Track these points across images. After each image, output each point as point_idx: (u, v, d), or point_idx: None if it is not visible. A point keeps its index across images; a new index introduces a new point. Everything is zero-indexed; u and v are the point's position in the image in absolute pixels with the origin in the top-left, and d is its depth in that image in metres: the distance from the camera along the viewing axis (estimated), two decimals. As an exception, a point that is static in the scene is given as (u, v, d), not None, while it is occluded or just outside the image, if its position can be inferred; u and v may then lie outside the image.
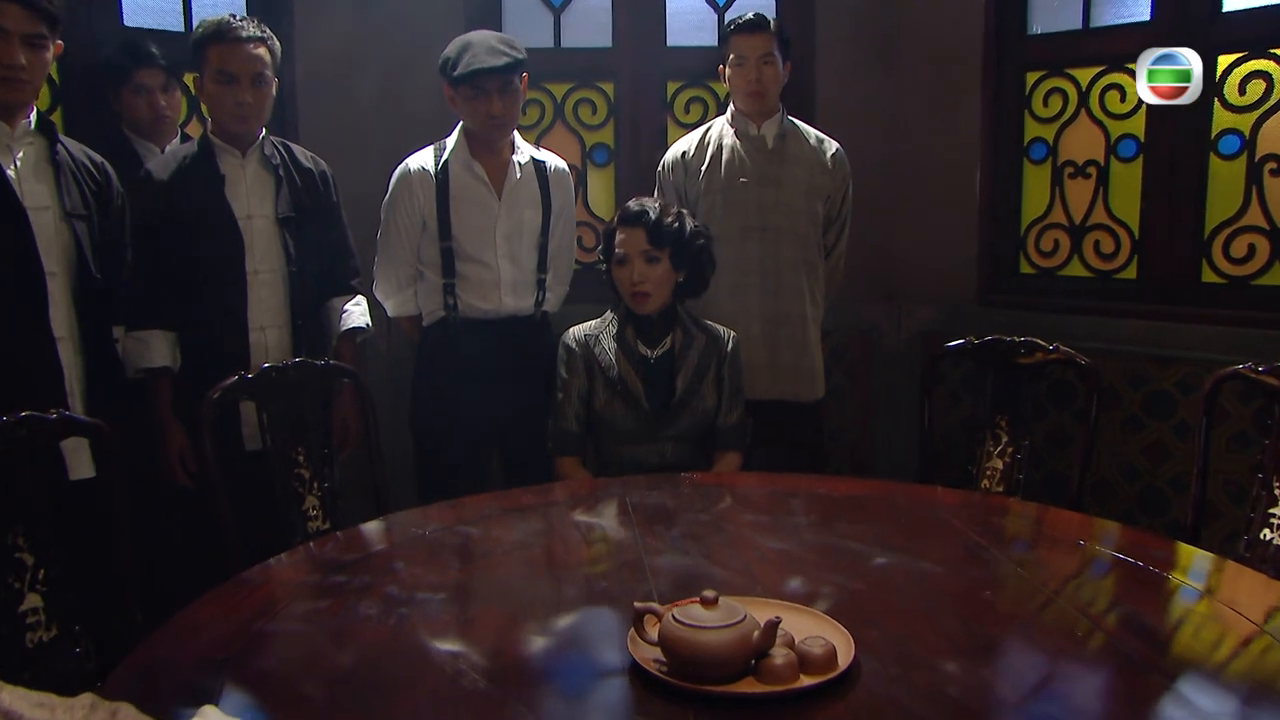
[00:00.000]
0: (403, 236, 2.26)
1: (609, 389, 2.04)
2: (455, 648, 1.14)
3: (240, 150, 2.07)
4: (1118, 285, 2.73)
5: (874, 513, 1.64)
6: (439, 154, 2.26)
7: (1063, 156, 2.81)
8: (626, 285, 2.03)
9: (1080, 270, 2.81)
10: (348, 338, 2.22)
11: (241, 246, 2.04)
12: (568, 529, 1.62)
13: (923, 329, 3.02)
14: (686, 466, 2.02)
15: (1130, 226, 2.70)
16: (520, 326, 2.29)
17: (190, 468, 2.03)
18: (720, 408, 2.09)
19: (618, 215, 2.08)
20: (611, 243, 2.07)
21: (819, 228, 2.45)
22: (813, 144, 2.45)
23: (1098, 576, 1.40)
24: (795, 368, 2.43)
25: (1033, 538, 1.58)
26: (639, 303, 2.03)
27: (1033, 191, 2.89)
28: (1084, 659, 1.12)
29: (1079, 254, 2.81)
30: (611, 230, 2.08)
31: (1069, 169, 2.80)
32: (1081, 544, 1.51)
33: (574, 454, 2.07)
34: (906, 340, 3.06)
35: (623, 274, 2.04)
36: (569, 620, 1.24)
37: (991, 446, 2.04)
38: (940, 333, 2.88)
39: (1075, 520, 1.60)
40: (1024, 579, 1.36)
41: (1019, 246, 2.93)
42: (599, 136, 3.12)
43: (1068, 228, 2.83)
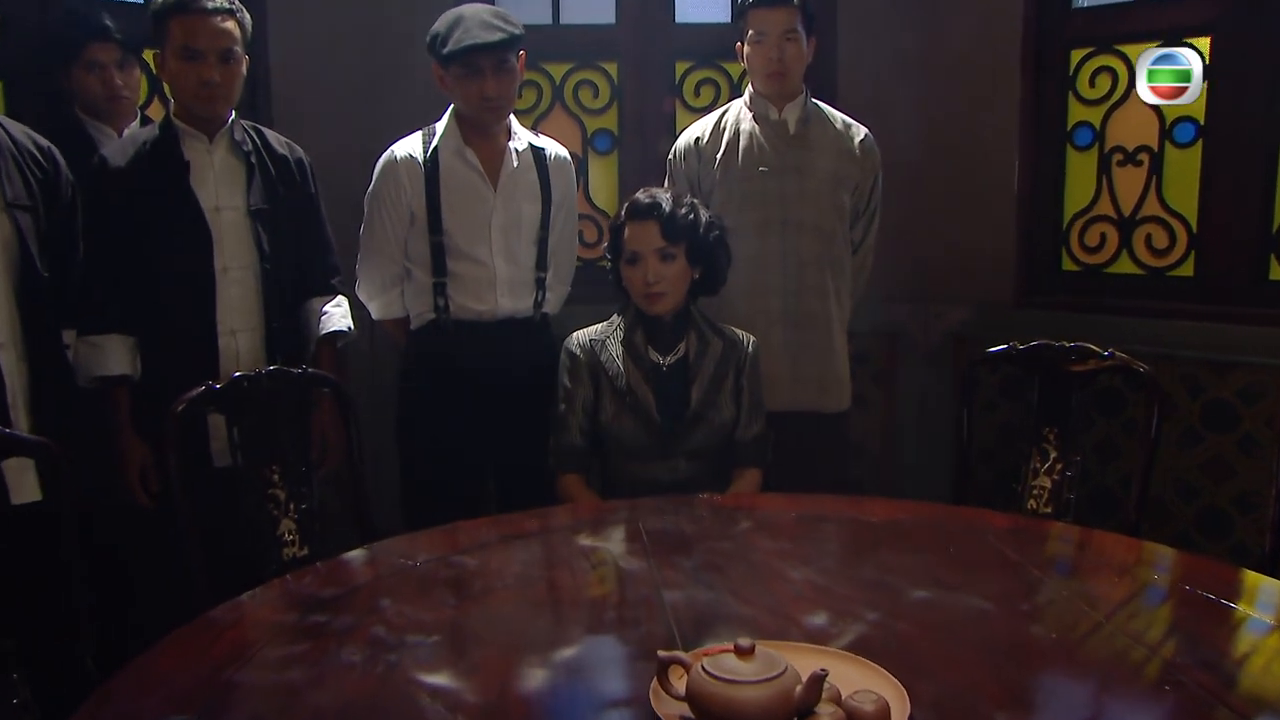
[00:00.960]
0: (388, 231, 2.24)
1: (617, 400, 2.02)
2: (450, 699, 1.10)
3: (207, 135, 2.04)
4: (1172, 283, 2.71)
5: (917, 540, 1.59)
6: (428, 140, 2.24)
7: (1111, 142, 2.79)
8: (639, 286, 2.01)
9: (1130, 267, 2.79)
10: (327, 343, 2.21)
11: (209, 241, 2.01)
12: (574, 558, 1.58)
13: (955, 331, 3.02)
14: (702, 485, 2.01)
15: (1186, 218, 2.67)
16: (518, 330, 2.27)
17: (152, 489, 2.01)
18: (739, 420, 2.07)
19: (626, 208, 2.06)
20: (620, 239, 2.05)
21: (845, 221, 2.43)
22: (839, 129, 2.43)
23: (1178, 618, 1.34)
24: (819, 375, 2.41)
25: (1098, 570, 1.52)
26: (653, 303, 2.01)
27: (1077, 180, 2.87)
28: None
29: (1128, 249, 2.79)
30: (620, 225, 2.06)
31: (1118, 155, 2.78)
32: (1155, 578, 1.46)
33: (578, 471, 2.05)
34: (937, 344, 3.05)
35: (635, 274, 2.01)
36: (579, 667, 1.20)
37: (1038, 463, 1.99)
38: (974, 336, 2.94)
39: (1145, 550, 1.54)
40: (1095, 620, 1.30)
41: (1061, 241, 2.91)
42: (601, 122, 3.13)
43: (1116, 220, 2.81)
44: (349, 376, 2.54)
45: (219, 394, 1.72)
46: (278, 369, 1.83)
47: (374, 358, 2.83)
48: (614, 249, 2.08)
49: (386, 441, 2.35)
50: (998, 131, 2.89)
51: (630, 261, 2.02)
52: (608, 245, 2.11)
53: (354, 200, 2.33)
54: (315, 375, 1.89)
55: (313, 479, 1.84)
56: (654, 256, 1.99)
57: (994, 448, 2.84)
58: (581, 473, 2.06)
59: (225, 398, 1.73)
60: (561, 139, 2.41)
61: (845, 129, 2.44)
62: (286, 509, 1.77)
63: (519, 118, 2.33)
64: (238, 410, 1.74)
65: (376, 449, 2.37)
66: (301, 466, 1.81)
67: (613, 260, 2.09)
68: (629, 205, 2.05)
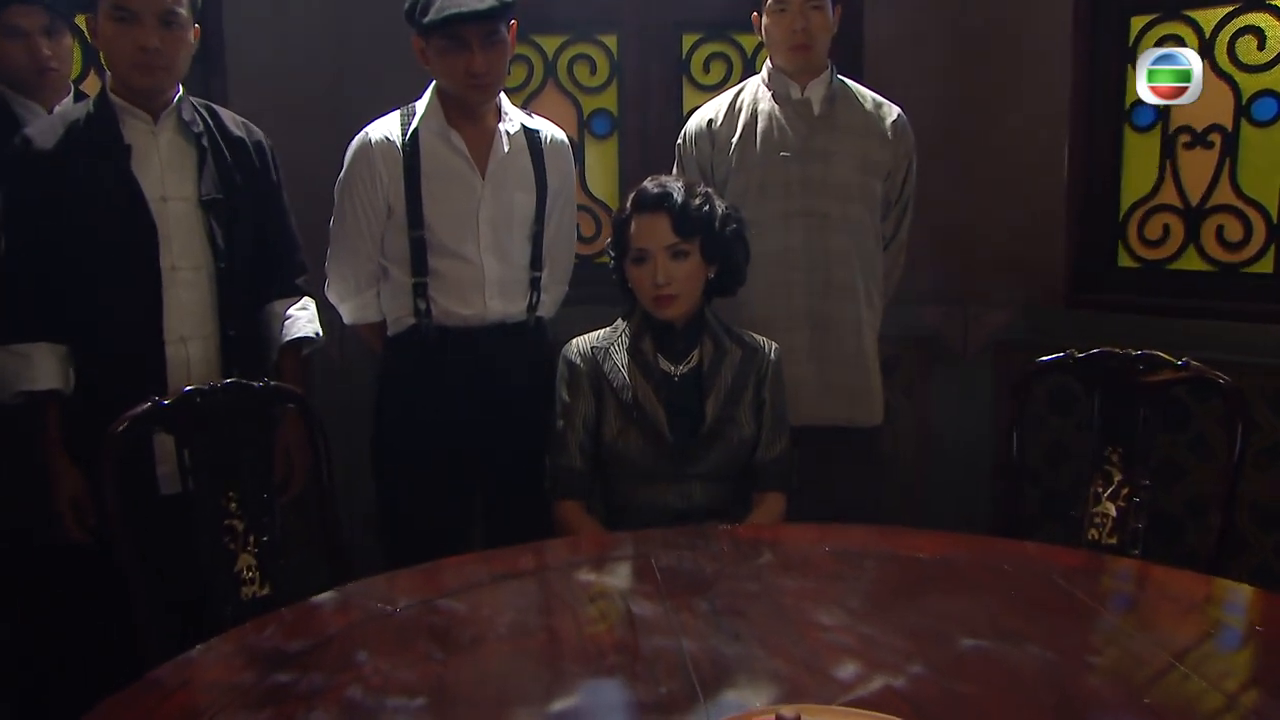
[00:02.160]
0: (361, 224, 2.22)
1: (622, 415, 2.01)
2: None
3: (151, 113, 2.02)
4: (1248, 281, 2.67)
5: (971, 580, 1.56)
6: (407, 121, 2.22)
7: (1177, 121, 2.76)
8: (648, 288, 1.99)
9: (1198, 263, 2.77)
10: (292, 351, 2.20)
11: (154, 236, 1.99)
12: (577, 602, 1.55)
13: (996, 336, 2.99)
14: (718, 512, 2.01)
15: (1266, 208, 2.64)
16: (509, 337, 2.26)
17: (87, 520, 1.98)
18: (760, 437, 2.05)
19: (633, 200, 2.04)
20: (625, 235, 2.03)
21: (876, 212, 2.41)
22: (869, 109, 2.41)
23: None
24: (849, 385, 2.39)
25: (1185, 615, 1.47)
26: (664, 306, 1.99)
27: (1137, 165, 2.84)
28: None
29: (1196, 242, 2.77)
30: (625, 219, 2.04)
31: (1184, 137, 2.75)
32: (1259, 629, 1.41)
33: (578, 497, 2.04)
34: (976, 350, 3.03)
35: (642, 274, 1.99)
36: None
37: (1100, 487, 1.95)
38: (1018, 341, 2.92)
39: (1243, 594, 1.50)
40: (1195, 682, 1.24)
41: (1118, 234, 2.89)
42: (599, 101, 3.13)
43: (1182, 210, 2.79)
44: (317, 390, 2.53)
45: (167, 411, 1.70)
46: (235, 382, 1.82)
47: (345, 368, 2.83)
48: (618, 246, 2.06)
49: (360, 464, 2.34)
50: (1045, 110, 2.87)
51: (637, 260, 2.00)
52: (610, 241, 2.10)
53: (322, 189, 2.31)
54: (278, 389, 1.88)
55: (275, 507, 1.82)
56: (664, 254, 1.97)
57: (1041, 468, 2.82)
58: (582, 499, 2.04)
59: (174, 415, 1.71)
60: (555, 120, 2.40)
61: (876, 109, 2.42)
62: (245, 542, 1.75)
63: (509, 96, 2.32)
64: (189, 429, 1.73)
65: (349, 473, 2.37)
66: (262, 493, 1.79)
67: (616, 259, 2.08)
68: (635, 196, 2.03)
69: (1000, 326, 2.98)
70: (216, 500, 1.72)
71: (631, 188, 2.14)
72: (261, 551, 1.75)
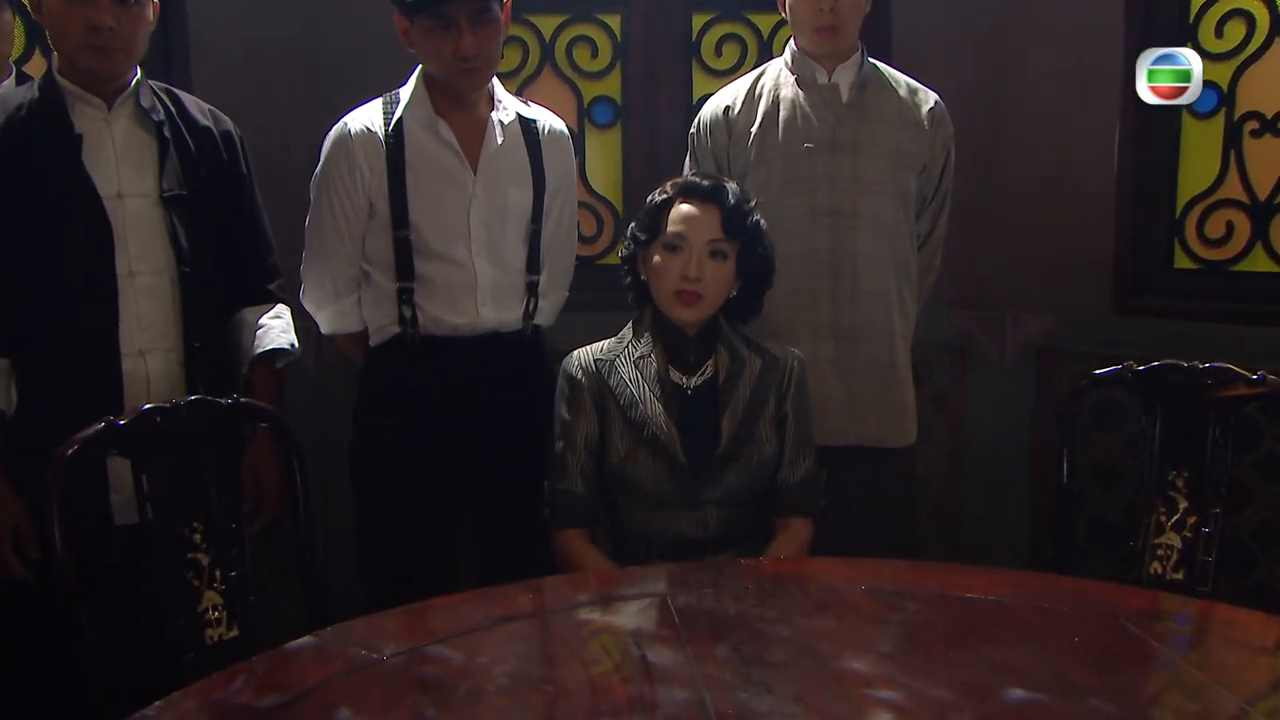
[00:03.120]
0: (340, 224, 2.21)
1: (630, 434, 1.99)
2: None
3: (104, 99, 2.00)
4: None
5: (1029, 624, 1.51)
6: (390, 110, 2.21)
7: (1243, 107, 2.73)
8: (673, 278, 1.98)
9: (1265, 263, 2.74)
10: (265, 364, 2.19)
11: (109, 237, 1.97)
12: (586, 648, 1.50)
13: (1036, 344, 2.97)
14: (737, 541, 2.00)
15: None
16: (504, 347, 2.25)
17: (31, 554, 1.95)
18: (782, 457, 2.05)
19: (680, 186, 2.05)
20: (661, 218, 2.02)
21: (911, 209, 2.39)
22: (903, 96, 2.39)
23: None
24: (880, 402, 2.36)
25: None
26: (686, 304, 1.98)
27: (1196, 156, 2.82)
28: None
29: (1264, 241, 2.74)
30: (666, 202, 2.03)
31: (1251, 124, 2.72)
32: None
33: (581, 526, 2.03)
34: (1014, 360, 3.00)
35: (672, 263, 1.99)
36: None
37: (1163, 515, 1.94)
38: (1062, 350, 2.89)
39: None
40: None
41: (1174, 232, 2.87)
42: (601, 87, 3.12)
43: (1248, 205, 2.76)
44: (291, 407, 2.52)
45: (122, 431, 1.67)
46: (200, 399, 1.79)
47: (323, 383, 2.83)
48: (649, 229, 2.04)
49: (340, 488, 2.33)
50: (1092, 95, 2.85)
51: (671, 247, 1.99)
52: (636, 224, 2.08)
53: (297, 185, 2.30)
54: (248, 406, 1.87)
55: (244, 538, 1.81)
56: (704, 248, 1.98)
57: (1086, 489, 2.79)
58: (585, 528, 2.02)
59: (130, 436, 1.68)
60: (553, 109, 2.40)
61: (910, 95, 2.39)
62: (211, 578, 1.73)
63: (503, 82, 2.31)
64: (147, 452, 1.70)
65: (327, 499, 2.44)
66: (230, 523, 1.78)
67: (639, 244, 2.05)
68: (683, 183, 2.04)
69: (1041, 333, 2.95)
70: (178, 531, 1.70)
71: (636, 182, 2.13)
72: (229, 588, 1.74)
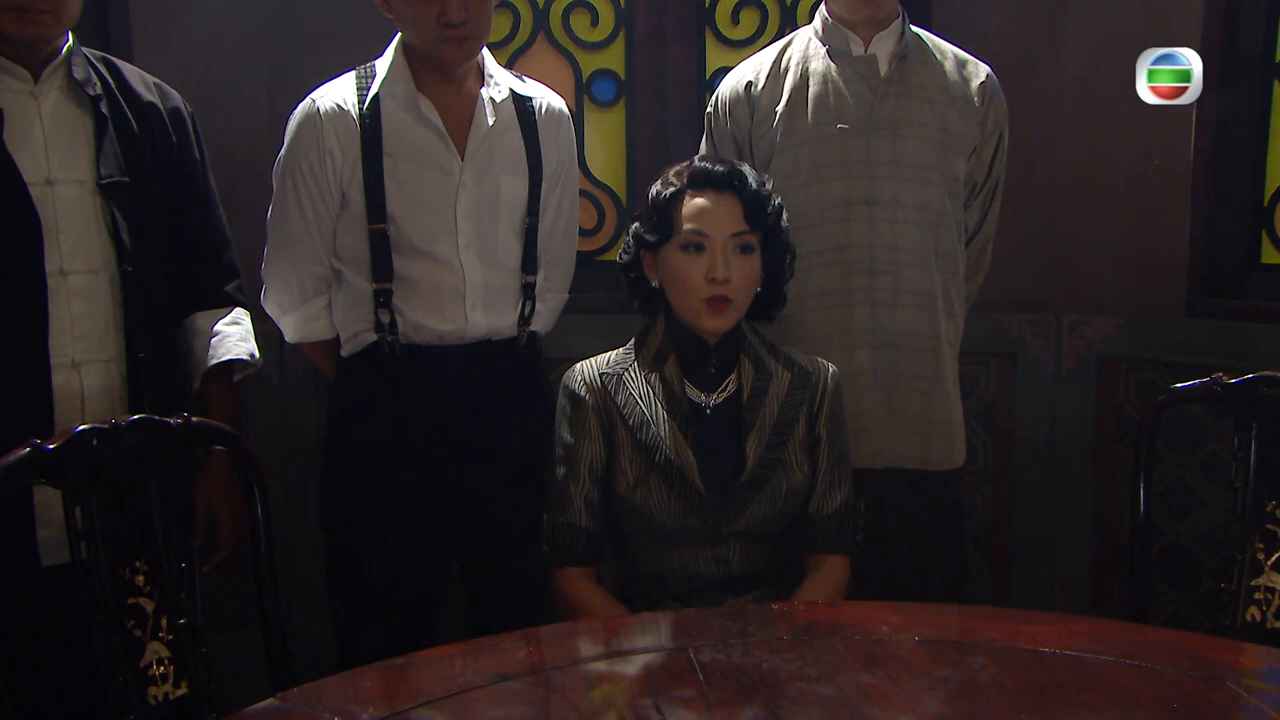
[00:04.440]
0: (308, 216, 2.22)
1: (641, 459, 1.99)
2: None
3: (31, 70, 1.97)
4: None
5: (1117, 686, 1.46)
6: (364, 85, 2.21)
7: None
8: (699, 285, 1.95)
9: None
10: (220, 378, 2.17)
11: (36, 230, 1.94)
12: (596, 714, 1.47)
13: (1097, 350, 2.98)
14: (762, 581, 1.99)
15: None
16: (496, 358, 2.26)
17: None
18: (815, 485, 2.04)
19: (688, 174, 2.01)
20: (672, 216, 1.99)
21: (959, 198, 2.38)
22: (951, 68, 2.38)
23: None
24: (924, 419, 2.36)
25: None
26: (716, 312, 1.96)
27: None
28: None
29: None
30: (675, 195, 1.99)
31: None
32: None
33: (585, 564, 2.02)
34: (1074, 369, 3.01)
35: (694, 266, 1.96)
36: None
37: (1261, 551, 1.92)
38: (1126, 356, 2.90)
39: None
40: None
41: (1261, 223, 2.85)
42: (602, 60, 3.12)
43: None
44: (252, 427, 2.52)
45: (51, 457, 1.61)
46: (145, 418, 1.75)
47: (288, 399, 2.84)
48: (657, 227, 1.99)
49: (306, 520, 2.34)
50: None
51: (690, 248, 1.96)
52: (642, 224, 2.04)
53: (258, 171, 2.32)
54: (202, 426, 1.82)
55: (196, 580, 1.87)
56: (729, 244, 1.95)
57: (1156, 517, 2.78)
58: (590, 566, 2.02)
59: (61, 462, 1.63)
60: (548, 84, 2.41)
61: (959, 68, 2.38)
62: (155, 626, 1.69)
63: (491, 54, 2.31)
64: (81, 481, 1.65)
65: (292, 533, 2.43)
66: (179, 562, 1.74)
67: (649, 246, 2.01)
68: (693, 171, 2.00)
69: (1103, 338, 2.96)
70: (118, 572, 1.66)
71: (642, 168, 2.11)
72: (177, 639, 1.69)
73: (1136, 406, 2.84)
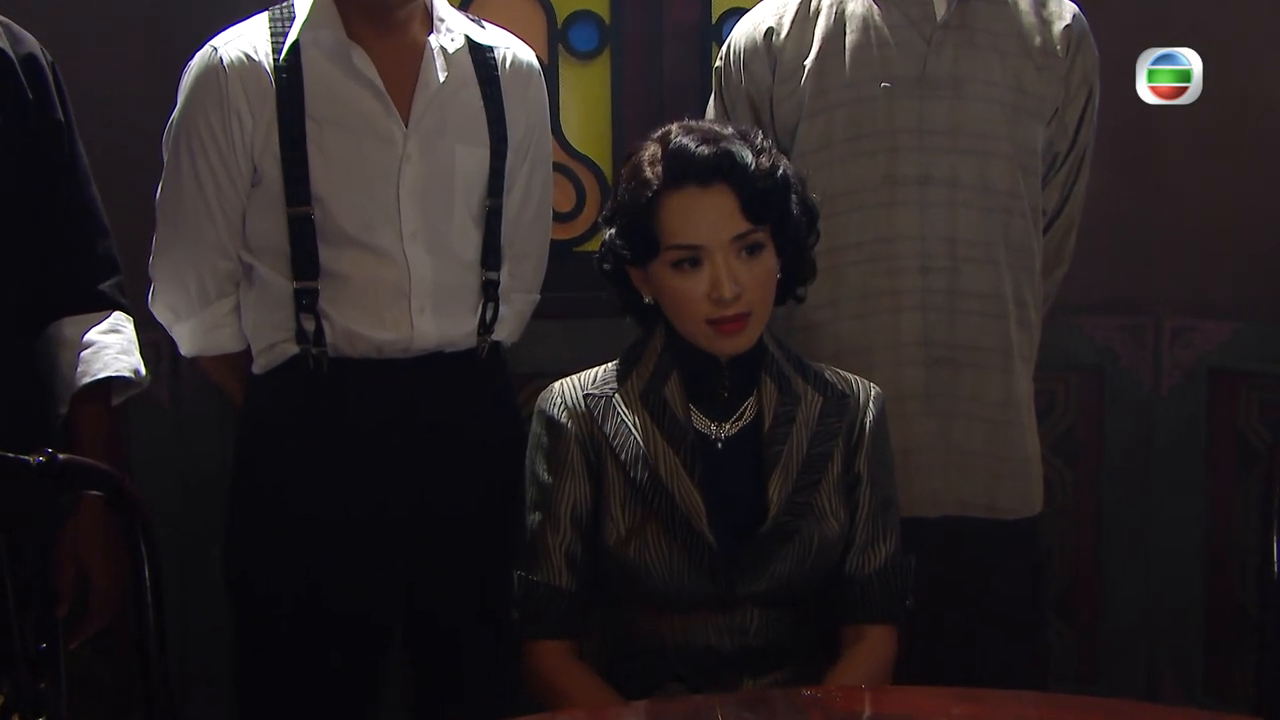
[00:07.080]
0: (208, 196, 2.22)
1: (637, 504, 1.98)
2: None
3: None
4: None
5: None
6: (280, 30, 2.20)
7: None
8: (702, 307, 1.94)
9: None
10: (95, 401, 2.13)
11: None
12: None
13: (1208, 362, 3.03)
14: (787, 656, 1.98)
15: None
16: (450, 375, 2.26)
17: None
18: (854, 537, 2.04)
19: (665, 163, 1.96)
20: (651, 223, 1.96)
21: (1036, 176, 2.38)
22: (1025, 9, 2.37)
23: None
24: (992, 454, 2.35)
25: None
26: (731, 335, 1.95)
27: None
28: None
29: None
30: (651, 198, 1.96)
31: None
32: None
33: (564, 636, 2.00)
34: (1178, 384, 3.06)
35: (692, 285, 1.94)
36: None
37: None
38: (1242, 370, 2.96)
39: None
40: None
41: None
42: (580, 1, 3.15)
43: None
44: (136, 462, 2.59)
45: None
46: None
47: (183, 427, 2.85)
48: (635, 243, 1.98)
49: (208, 579, 2.39)
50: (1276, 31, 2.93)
51: (685, 264, 1.94)
52: (616, 233, 2.02)
53: (144, 139, 2.32)
54: (70, 464, 1.78)
55: (60, 661, 1.85)
56: (730, 251, 1.92)
57: None
58: (570, 638, 2.00)
59: None
60: (516, 32, 2.43)
61: (1037, 8, 2.37)
62: None
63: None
64: None
65: (188, 595, 2.43)
66: (38, 640, 1.80)
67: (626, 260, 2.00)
68: (670, 156, 1.96)
69: (1215, 347, 3.00)
70: None
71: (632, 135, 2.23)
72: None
73: (1261, 433, 2.86)
